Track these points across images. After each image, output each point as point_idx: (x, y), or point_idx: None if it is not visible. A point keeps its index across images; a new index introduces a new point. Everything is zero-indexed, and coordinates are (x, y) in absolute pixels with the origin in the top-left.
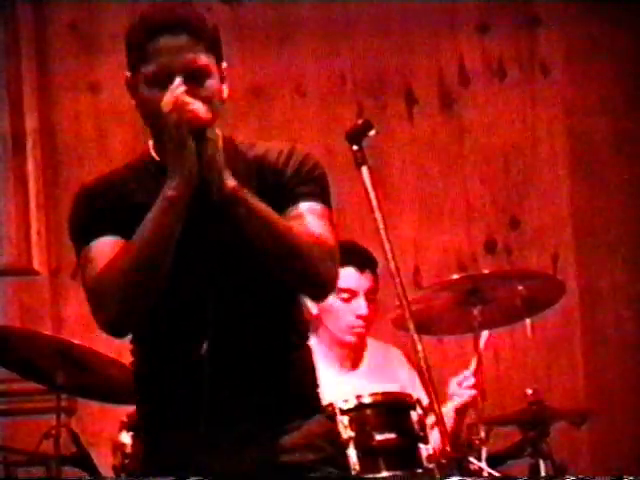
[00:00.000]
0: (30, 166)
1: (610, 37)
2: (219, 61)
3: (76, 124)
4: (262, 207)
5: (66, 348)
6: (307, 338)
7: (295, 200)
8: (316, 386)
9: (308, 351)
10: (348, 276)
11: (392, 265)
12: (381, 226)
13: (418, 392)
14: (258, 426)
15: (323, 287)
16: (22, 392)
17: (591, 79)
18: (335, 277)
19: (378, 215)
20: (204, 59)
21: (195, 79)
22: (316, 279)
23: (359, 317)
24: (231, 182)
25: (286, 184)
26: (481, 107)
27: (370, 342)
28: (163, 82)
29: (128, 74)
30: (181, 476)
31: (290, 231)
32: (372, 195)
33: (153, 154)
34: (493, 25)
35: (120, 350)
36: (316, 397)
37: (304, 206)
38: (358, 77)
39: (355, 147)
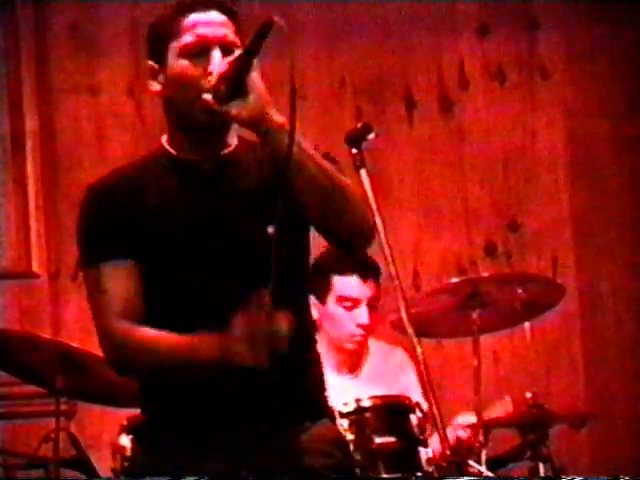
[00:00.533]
0: (29, 168)
1: (610, 39)
2: None
3: (76, 126)
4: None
5: (65, 351)
6: (316, 340)
7: None
8: (324, 389)
9: (317, 354)
10: (351, 284)
11: (392, 268)
12: (380, 229)
13: (420, 396)
14: (267, 427)
15: (367, 233)
16: (21, 395)
17: (591, 81)
18: (374, 229)
19: (377, 218)
20: (234, 36)
21: (227, 55)
22: (362, 222)
23: (360, 326)
24: (279, 117)
25: None
26: (481, 110)
27: (373, 344)
28: (198, 52)
29: (151, 63)
30: (181, 476)
31: (336, 173)
32: (371, 198)
33: (168, 148)
34: (493, 28)
35: None
36: (325, 400)
37: None
38: (358, 80)
39: (354, 150)
